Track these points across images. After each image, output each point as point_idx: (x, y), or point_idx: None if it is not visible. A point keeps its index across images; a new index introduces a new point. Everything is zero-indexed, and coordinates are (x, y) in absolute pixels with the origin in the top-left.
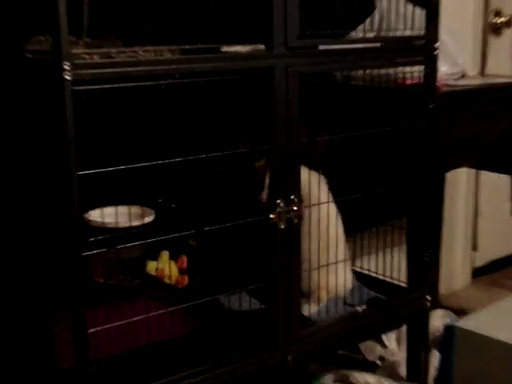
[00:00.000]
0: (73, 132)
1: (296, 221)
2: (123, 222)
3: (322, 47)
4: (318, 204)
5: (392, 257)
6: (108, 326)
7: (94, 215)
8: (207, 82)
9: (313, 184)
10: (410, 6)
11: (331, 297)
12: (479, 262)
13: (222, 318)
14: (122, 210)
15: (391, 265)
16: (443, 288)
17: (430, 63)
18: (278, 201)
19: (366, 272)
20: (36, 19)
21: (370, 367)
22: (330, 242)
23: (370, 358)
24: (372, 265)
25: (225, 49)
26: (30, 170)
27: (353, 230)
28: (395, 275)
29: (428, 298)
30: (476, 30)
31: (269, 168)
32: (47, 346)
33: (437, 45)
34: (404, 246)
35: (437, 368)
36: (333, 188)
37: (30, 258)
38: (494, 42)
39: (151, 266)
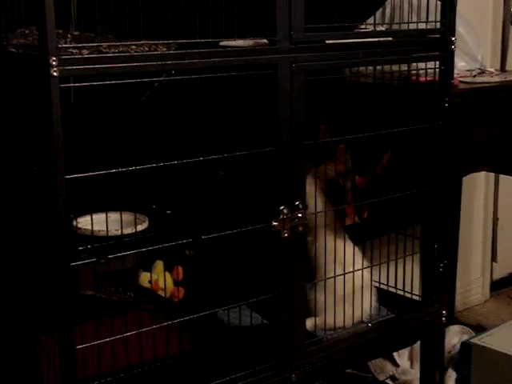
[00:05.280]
0: (60, 132)
1: (301, 229)
2: (114, 230)
3: (329, 41)
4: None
5: (404, 268)
6: (97, 342)
7: (83, 222)
8: (205, 79)
9: None
10: None
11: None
12: (498, 274)
13: (221, 334)
14: (114, 216)
15: (404, 277)
16: (460, 302)
17: (446, 59)
18: (282, 207)
19: (377, 284)
20: (20, 10)
21: None
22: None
23: (381, 377)
24: (383, 277)
25: (224, 43)
26: (13, 173)
27: (362, 238)
28: (408, 288)
29: (443, 312)
30: (496, 21)
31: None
32: (31, 365)
33: (453, 39)
34: (417, 256)
35: None
36: None
37: (13, 268)
38: None
39: (144, 278)
